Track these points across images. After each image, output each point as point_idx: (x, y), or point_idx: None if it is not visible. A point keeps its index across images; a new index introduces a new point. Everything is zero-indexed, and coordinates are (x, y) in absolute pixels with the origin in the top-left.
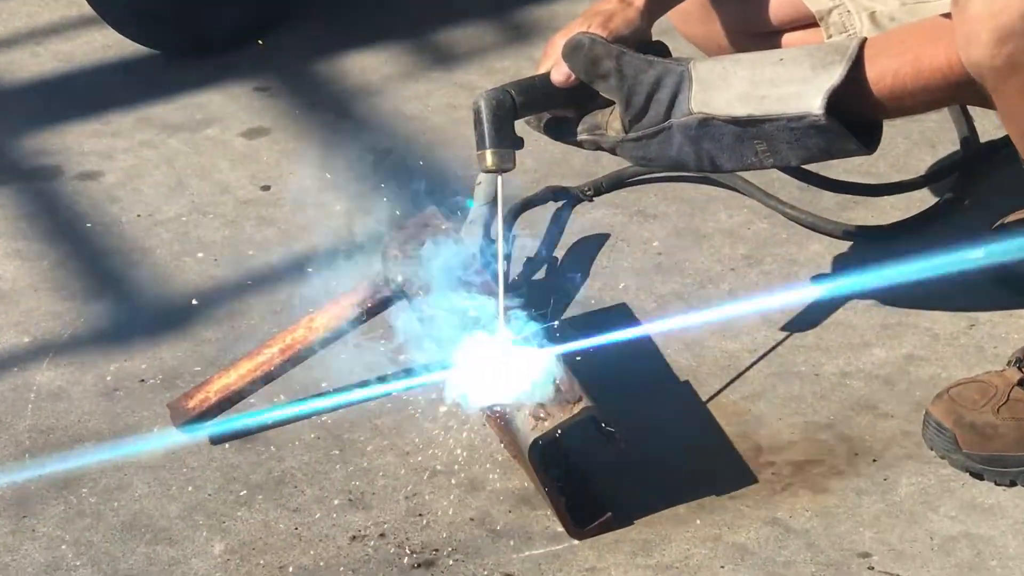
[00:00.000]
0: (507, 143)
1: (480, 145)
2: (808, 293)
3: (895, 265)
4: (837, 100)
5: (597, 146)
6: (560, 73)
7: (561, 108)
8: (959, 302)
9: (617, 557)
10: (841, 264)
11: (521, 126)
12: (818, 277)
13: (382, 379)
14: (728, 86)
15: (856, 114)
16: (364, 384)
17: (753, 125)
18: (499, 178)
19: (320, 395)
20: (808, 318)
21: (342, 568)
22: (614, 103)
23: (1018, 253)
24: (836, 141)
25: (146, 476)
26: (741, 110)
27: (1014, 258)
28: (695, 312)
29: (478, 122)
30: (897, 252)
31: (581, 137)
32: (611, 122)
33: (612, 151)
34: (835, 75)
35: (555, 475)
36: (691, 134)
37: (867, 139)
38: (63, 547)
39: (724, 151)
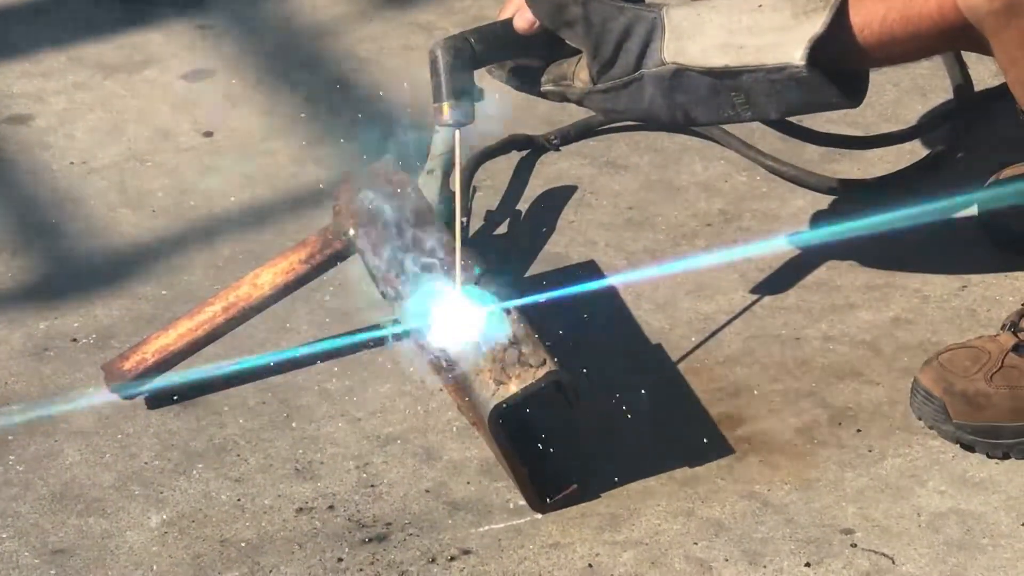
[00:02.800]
0: (466, 95)
1: (437, 97)
2: (789, 251)
3: (882, 222)
4: (820, 50)
5: (563, 97)
6: (523, 20)
7: (525, 57)
8: (950, 262)
9: (582, 532)
10: (825, 220)
11: (482, 75)
12: (800, 234)
13: (333, 338)
14: (703, 35)
15: (840, 63)
16: (313, 344)
17: (730, 77)
18: (457, 132)
19: (265, 356)
20: (789, 278)
21: (288, 542)
22: (581, 52)
23: (1017, 214)
24: (819, 93)
25: (78, 443)
26: (717, 61)
27: (1012, 216)
28: (668, 270)
29: (435, 72)
30: (885, 208)
31: (546, 88)
32: (578, 72)
33: (579, 103)
34: (818, 23)
35: (516, 444)
36: (663, 86)
37: (852, 90)
38: None
39: (699, 103)
